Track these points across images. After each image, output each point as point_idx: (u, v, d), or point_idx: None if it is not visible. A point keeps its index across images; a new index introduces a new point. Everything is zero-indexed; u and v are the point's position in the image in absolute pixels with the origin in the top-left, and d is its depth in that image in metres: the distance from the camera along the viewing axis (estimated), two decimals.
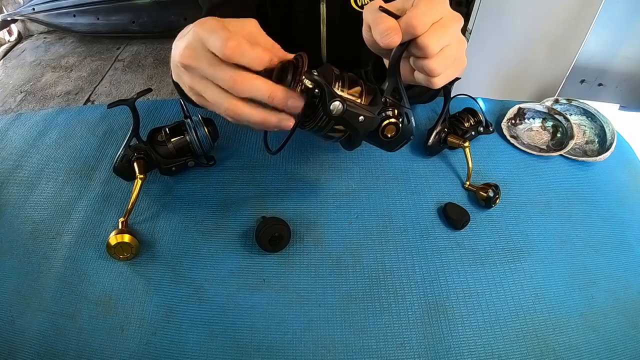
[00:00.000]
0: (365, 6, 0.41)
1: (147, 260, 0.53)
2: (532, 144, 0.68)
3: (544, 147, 0.68)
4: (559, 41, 1.24)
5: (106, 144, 0.68)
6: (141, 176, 0.55)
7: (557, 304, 0.49)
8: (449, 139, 0.62)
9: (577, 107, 0.71)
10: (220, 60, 0.36)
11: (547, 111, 0.70)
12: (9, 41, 2.64)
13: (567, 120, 0.68)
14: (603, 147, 0.66)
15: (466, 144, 0.60)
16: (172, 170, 0.59)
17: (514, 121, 0.71)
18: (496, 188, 0.57)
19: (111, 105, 0.51)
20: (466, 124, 0.63)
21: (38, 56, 2.50)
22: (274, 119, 0.39)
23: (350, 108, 0.37)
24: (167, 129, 0.58)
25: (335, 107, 0.36)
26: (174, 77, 0.42)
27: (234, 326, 0.47)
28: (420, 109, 0.73)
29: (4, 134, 0.71)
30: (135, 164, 0.56)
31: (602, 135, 0.68)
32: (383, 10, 0.38)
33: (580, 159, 0.65)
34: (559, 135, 0.69)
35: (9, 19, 2.54)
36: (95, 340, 0.46)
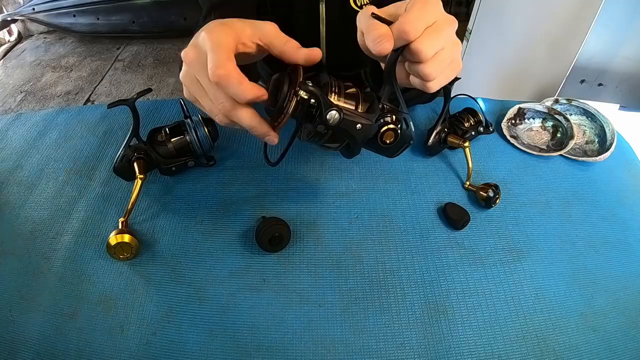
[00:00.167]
0: (359, 12, 0.40)
1: (147, 260, 0.53)
2: (532, 144, 0.68)
3: (544, 147, 0.68)
4: (559, 41, 1.24)
5: (106, 144, 0.68)
6: (141, 176, 0.55)
7: (557, 304, 0.49)
8: (449, 139, 0.62)
9: (577, 107, 0.71)
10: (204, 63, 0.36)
11: (547, 111, 0.70)
12: (9, 41, 2.64)
13: (567, 120, 0.68)
14: (603, 147, 0.66)
15: (466, 144, 0.60)
16: (172, 170, 0.59)
17: (514, 121, 0.71)
18: (496, 188, 0.57)
19: (111, 105, 0.52)
20: (466, 124, 0.63)
21: (38, 56, 2.51)
22: (262, 130, 0.40)
23: (347, 117, 0.37)
24: (167, 129, 0.58)
25: (332, 117, 0.36)
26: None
27: (234, 326, 0.47)
28: (420, 109, 0.73)
29: (4, 134, 0.71)
30: (135, 164, 0.56)
31: (602, 135, 0.68)
32: (375, 16, 0.37)
33: (580, 159, 0.65)
34: (559, 135, 0.69)
35: (9, 19, 2.54)
36: (95, 340, 0.46)
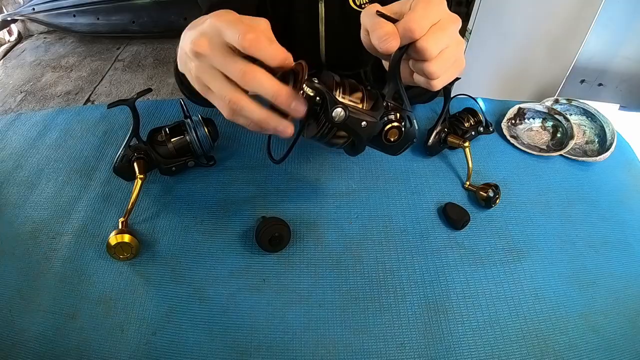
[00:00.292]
0: (363, 10, 0.41)
1: (147, 260, 0.53)
2: (532, 144, 0.68)
3: (544, 147, 0.68)
4: (559, 41, 1.24)
5: (106, 144, 0.68)
6: (141, 176, 0.55)
7: (557, 304, 0.49)
8: (449, 139, 0.62)
9: (577, 107, 0.71)
10: (234, 52, 0.36)
11: (547, 111, 0.70)
12: (9, 41, 2.64)
13: (567, 120, 0.68)
14: (603, 147, 0.66)
15: (466, 144, 0.60)
16: (172, 170, 0.59)
17: (514, 121, 0.71)
18: (496, 188, 0.57)
19: (111, 105, 0.52)
20: (466, 124, 0.63)
21: (38, 56, 2.50)
22: (273, 121, 0.39)
23: (353, 114, 0.37)
24: (167, 129, 0.58)
25: (337, 114, 0.36)
26: (180, 67, 0.42)
27: (234, 326, 0.47)
28: (420, 109, 0.73)
29: (4, 134, 0.71)
30: (135, 164, 0.56)
31: (602, 135, 0.68)
32: (380, 14, 0.37)
33: (580, 159, 0.65)
34: (559, 135, 0.69)
35: (9, 19, 2.54)
36: (95, 340, 0.46)
